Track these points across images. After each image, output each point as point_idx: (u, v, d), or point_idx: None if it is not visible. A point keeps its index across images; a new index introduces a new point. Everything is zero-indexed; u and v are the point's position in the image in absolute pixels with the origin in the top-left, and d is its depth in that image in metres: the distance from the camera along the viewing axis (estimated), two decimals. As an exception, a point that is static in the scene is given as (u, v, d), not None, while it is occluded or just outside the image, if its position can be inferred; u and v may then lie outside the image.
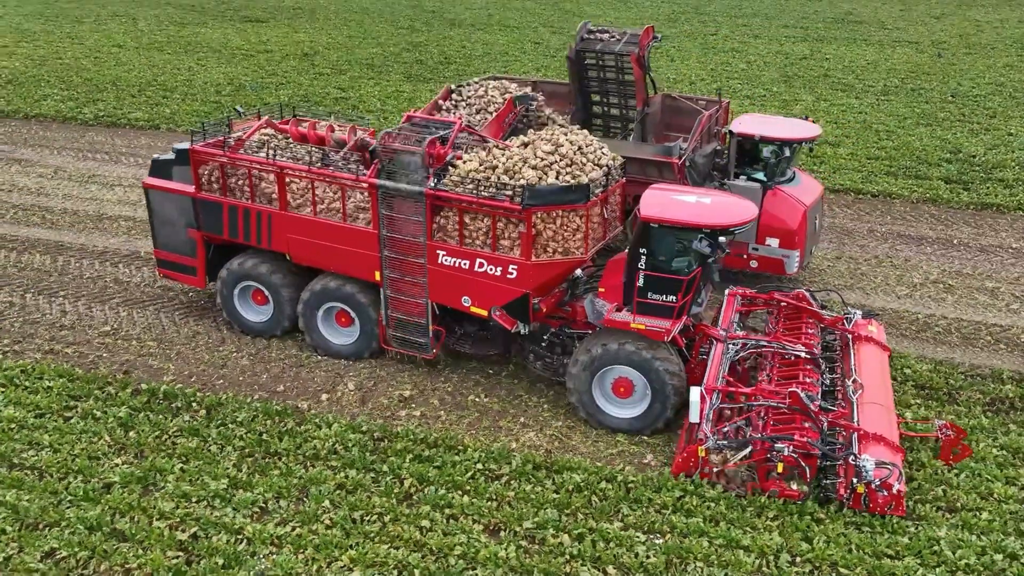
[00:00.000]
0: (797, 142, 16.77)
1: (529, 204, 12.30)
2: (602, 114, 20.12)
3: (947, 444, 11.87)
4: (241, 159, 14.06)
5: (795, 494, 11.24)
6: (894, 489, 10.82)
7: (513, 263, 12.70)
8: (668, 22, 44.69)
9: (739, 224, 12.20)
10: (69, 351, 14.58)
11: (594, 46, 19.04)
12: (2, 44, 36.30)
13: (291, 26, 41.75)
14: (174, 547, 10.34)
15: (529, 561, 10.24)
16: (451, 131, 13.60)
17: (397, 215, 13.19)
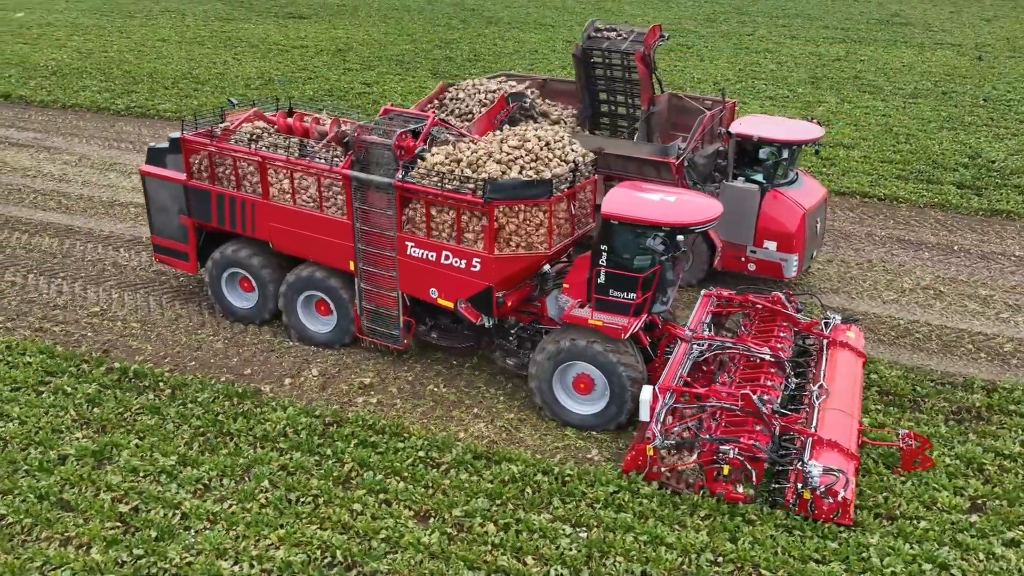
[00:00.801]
0: (796, 144, 16.42)
1: (491, 198, 12.31)
2: (609, 112, 20.00)
3: (908, 454, 11.66)
4: (226, 148, 14.38)
5: (740, 497, 11.06)
6: (839, 496, 10.56)
7: (477, 256, 12.73)
8: (706, 22, 44.17)
9: (698, 224, 12.06)
10: (57, 329, 15.13)
11: (600, 44, 18.91)
12: (55, 37, 37.66)
13: (331, 23, 42.41)
14: (114, 519, 10.68)
15: (451, 548, 10.32)
16: (424, 125, 13.72)
17: (369, 206, 13.32)
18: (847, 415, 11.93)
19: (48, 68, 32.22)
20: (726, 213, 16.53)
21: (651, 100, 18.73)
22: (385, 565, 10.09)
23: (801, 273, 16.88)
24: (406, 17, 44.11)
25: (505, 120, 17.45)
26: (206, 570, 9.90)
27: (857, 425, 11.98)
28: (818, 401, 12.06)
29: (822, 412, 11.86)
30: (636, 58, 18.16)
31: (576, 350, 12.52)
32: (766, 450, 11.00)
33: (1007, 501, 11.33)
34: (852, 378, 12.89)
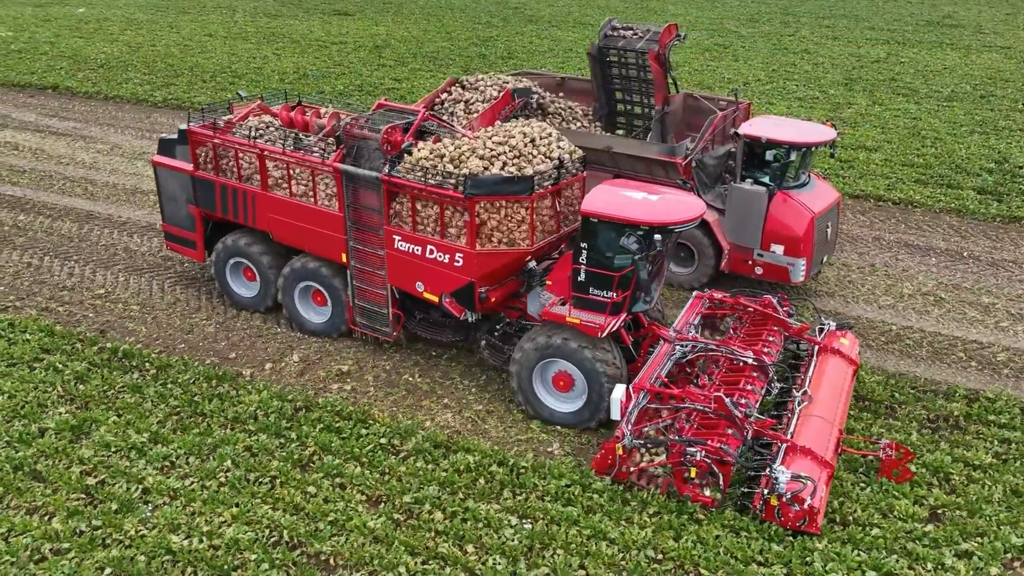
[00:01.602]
0: (805, 146, 15.93)
1: (471, 193, 12.27)
2: (624, 112, 19.82)
3: (887, 464, 11.37)
4: (228, 140, 14.68)
5: (707, 500, 10.91)
6: (806, 504, 10.29)
7: (459, 251, 12.70)
8: (748, 22, 43.47)
9: (676, 224, 11.86)
10: (61, 309, 15.68)
11: (616, 43, 18.77)
12: (110, 31, 38.86)
13: (374, 20, 42.90)
14: (80, 490, 11.06)
15: (396, 533, 10.44)
16: (415, 119, 13.80)
17: (359, 199, 13.42)
18: (827, 422, 11.67)
19: (97, 61, 33.29)
20: (733, 215, 16.52)
21: (666, 100, 18.52)
22: (329, 547, 10.25)
23: (810, 278, 16.46)
24: (448, 15, 44.38)
25: (510, 116, 17.47)
26: (157, 543, 10.19)
27: (837, 433, 11.64)
28: (799, 407, 11.80)
29: (801, 418, 11.61)
30: (650, 57, 17.96)
31: (553, 347, 12.43)
32: (733, 454, 10.73)
33: (968, 512, 10.99)
34: (839, 386, 12.58)
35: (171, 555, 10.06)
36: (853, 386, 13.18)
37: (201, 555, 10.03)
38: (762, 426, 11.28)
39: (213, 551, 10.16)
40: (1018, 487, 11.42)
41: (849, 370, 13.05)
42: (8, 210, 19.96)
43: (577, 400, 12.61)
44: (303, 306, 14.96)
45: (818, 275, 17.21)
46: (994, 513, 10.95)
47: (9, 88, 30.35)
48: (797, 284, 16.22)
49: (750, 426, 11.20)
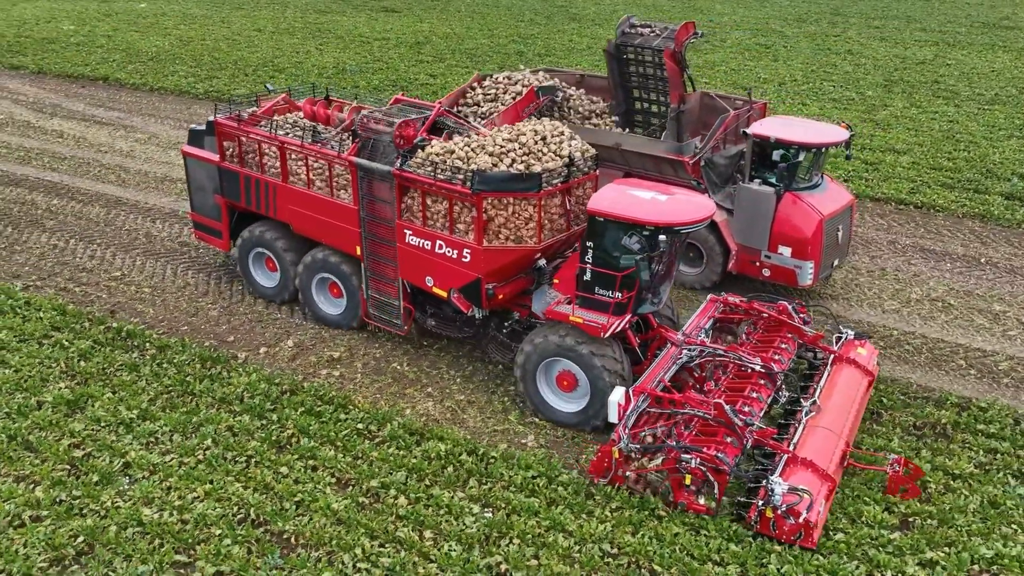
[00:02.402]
0: (814, 147, 15.54)
1: (479, 189, 12.11)
2: (642, 109, 19.65)
3: (894, 480, 10.92)
4: (251, 132, 14.77)
5: (702, 508, 10.58)
6: (801, 518, 9.92)
7: (467, 247, 12.56)
8: (795, 22, 42.65)
9: (681, 225, 11.54)
10: (77, 290, 16.23)
11: (633, 40, 18.60)
12: (165, 26, 39.95)
13: (419, 16, 43.25)
14: (66, 462, 11.46)
15: (358, 516, 10.57)
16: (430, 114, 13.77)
17: (373, 193, 13.41)
18: (833, 434, 11.25)
19: (148, 54, 34.26)
20: (741, 216, 16.22)
21: (681, 98, 18.30)
22: (292, 526, 10.43)
23: (819, 282, 16.07)
24: (492, 12, 44.50)
25: (534, 113, 17.47)
26: (130, 514, 10.50)
27: (843, 446, 11.25)
28: (806, 417, 11.44)
29: (807, 429, 11.25)
30: (665, 55, 17.64)
31: (556, 346, 12.22)
32: (729, 463, 10.37)
33: (939, 521, 10.67)
34: (851, 397, 12.12)
35: (141, 527, 10.35)
36: (868, 398, 12.69)
37: (169, 528, 10.31)
38: (763, 435, 10.92)
39: (181, 525, 10.43)
40: (997, 498, 11.05)
41: (864, 381, 12.54)
42: (44, 194, 20.71)
43: (580, 400, 12.40)
44: (320, 297, 15.04)
45: (828, 279, 16.83)
46: (967, 524, 10.61)
47: (64, 79, 31.44)
48: (805, 287, 15.83)
49: (750, 435, 10.83)
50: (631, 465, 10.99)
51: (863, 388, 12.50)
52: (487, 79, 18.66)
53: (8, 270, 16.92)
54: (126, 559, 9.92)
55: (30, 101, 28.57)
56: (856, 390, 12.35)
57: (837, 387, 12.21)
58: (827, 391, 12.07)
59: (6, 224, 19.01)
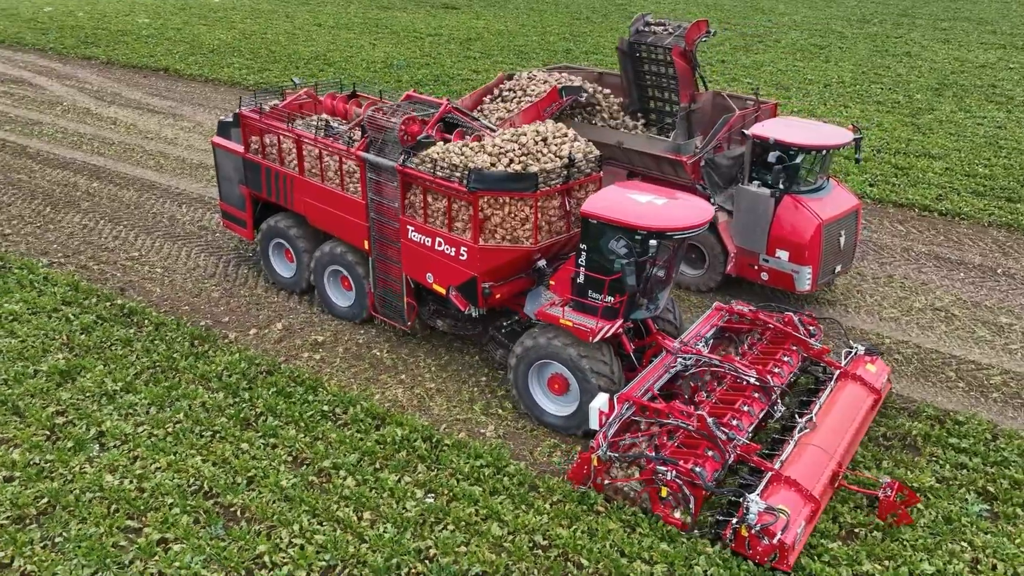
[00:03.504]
0: (814, 149, 14.93)
1: (475, 187, 11.98)
2: (655, 108, 19.31)
3: (885, 505, 10.43)
4: (269, 124, 14.99)
5: (677, 523, 10.24)
6: (776, 539, 9.51)
7: (464, 245, 12.45)
8: (857, 23, 41.38)
9: (673, 230, 11.17)
10: (95, 267, 16.98)
11: (645, 39, 18.23)
12: (231, 20, 41.24)
13: (477, 14, 43.51)
14: (47, 427, 12.05)
15: (304, 494, 10.81)
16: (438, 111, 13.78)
17: (379, 188, 13.45)
18: (825, 454, 10.76)
19: (209, 47, 35.44)
20: (740, 218, 15.92)
21: (692, 97, 17.97)
22: (240, 500, 10.75)
23: (818, 289, 15.60)
24: (550, 9, 44.45)
25: (556, 113, 17.39)
26: (93, 480, 10.99)
27: (835, 467, 10.70)
28: (799, 434, 10.99)
29: (798, 447, 10.81)
30: (674, 53, 17.24)
31: (546, 349, 12.05)
32: (703, 477, 10.05)
33: (885, 533, 10.30)
34: (850, 415, 11.61)
35: (101, 491, 10.82)
36: (873, 417, 12.19)
37: (125, 495, 10.75)
38: (747, 451, 10.51)
39: (138, 492, 10.86)
40: (952, 514, 10.59)
41: (868, 400, 12.02)
42: (86, 177, 21.70)
43: (571, 404, 12.16)
44: (332, 289, 15.19)
45: (829, 285, 16.32)
46: (913, 538, 10.21)
47: (129, 69, 32.80)
48: (803, 293, 15.35)
49: (732, 450, 10.47)
50: (611, 473, 10.76)
51: (866, 407, 11.92)
52: (511, 78, 18.68)
53: (38, 247, 17.82)
54: (81, 521, 10.39)
55: (94, 89, 29.91)
56: (858, 408, 11.78)
57: (837, 404, 11.66)
58: (826, 408, 11.52)
59: (46, 204, 20.00)
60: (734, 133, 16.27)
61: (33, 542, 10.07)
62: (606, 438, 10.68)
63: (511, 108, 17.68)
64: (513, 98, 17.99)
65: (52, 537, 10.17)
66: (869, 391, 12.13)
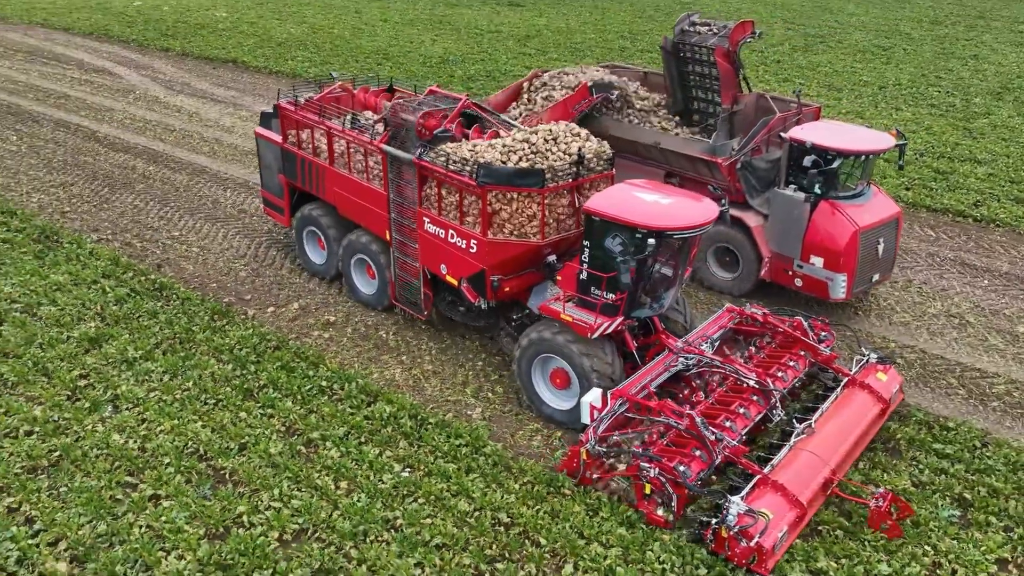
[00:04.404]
0: (852, 154, 14.56)
1: (483, 182, 12.11)
2: (699, 109, 18.88)
3: (876, 515, 10.23)
4: (303, 116, 15.51)
5: (660, 520, 10.27)
6: (753, 541, 9.47)
7: (474, 238, 12.62)
8: (929, 24, 40.04)
9: (673, 229, 11.19)
10: (138, 244, 17.96)
11: (690, 39, 18.07)
12: (303, 15, 42.50)
13: (540, 11, 43.73)
14: (69, 388, 12.93)
15: (289, 462, 11.34)
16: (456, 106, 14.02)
17: (399, 180, 13.68)
18: (819, 460, 10.61)
19: (277, 40, 36.66)
20: (775, 222, 15.60)
21: (735, 99, 17.81)
22: (231, 464, 11.37)
23: (854, 297, 15.20)
24: (614, 8, 44.34)
25: (585, 110, 17.52)
26: (101, 438, 11.77)
27: (828, 474, 10.55)
28: (795, 439, 10.87)
29: (792, 452, 10.70)
30: (717, 53, 17.09)
31: (547, 343, 12.18)
32: (684, 476, 10.03)
33: (846, 531, 10.23)
34: (852, 424, 11.40)
35: (107, 449, 11.59)
36: (880, 427, 11.97)
37: (127, 453, 11.49)
38: (736, 452, 10.48)
39: (140, 452, 11.59)
40: (921, 518, 10.43)
41: (874, 409, 11.79)
42: (144, 160, 22.87)
43: (572, 399, 12.21)
44: (357, 277, 15.58)
45: (866, 294, 15.83)
46: (875, 538, 10.12)
47: (200, 60, 34.22)
48: (838, 301, 14.94)
49: (720, 451, 10.40)
50: (601, 468, 10.88)
51: (871, 416, 11.68)
52: (543, 75, 18.87)
53: (91, 223, 18.93)
54: (85, 475, 11.16)
55: (166, 79, 31.34)
56: (862, 417, 11.56)
57: (841, 411, 11.48)
58: (828, 415, 11.36)
59: (104, 185, 21.19)
60: (773, 136, 15.91)
61: (40, 491, 10.87)
62: (596, 433, 10.78)
63: (543, 104, 17.89)
64: (544, 95, 18.19)
65: (58, 487, 10.96)
66: (876, 400, 11.85)
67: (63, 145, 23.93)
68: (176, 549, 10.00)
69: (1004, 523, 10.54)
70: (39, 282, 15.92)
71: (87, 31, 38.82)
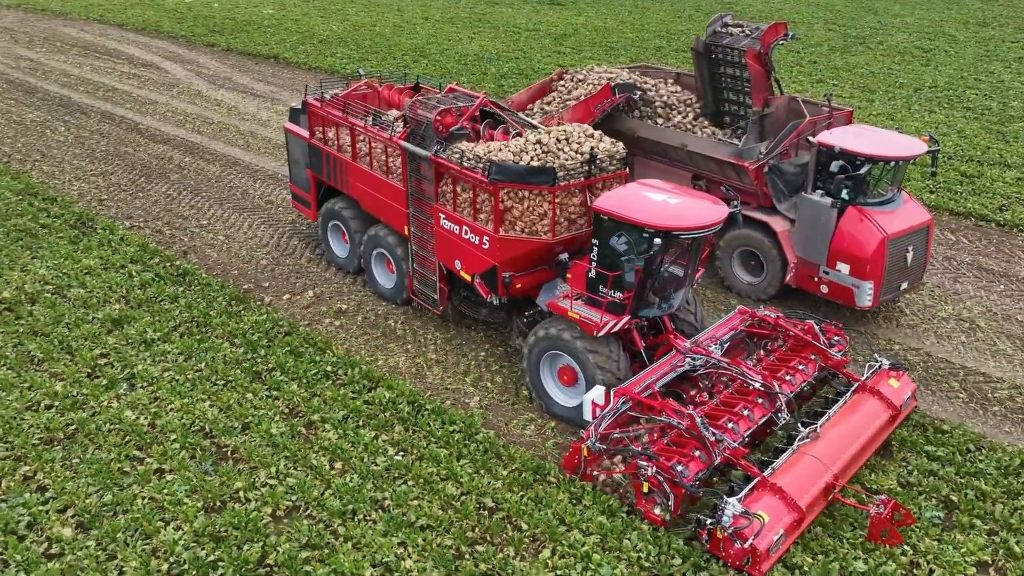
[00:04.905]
0: (881, 160, 14.20)
1: (495, 179, 12.26)
2: (730, 111, 18.59)
3: (876, 523, 10.00)
4: (329, 113, 15.81)
5: (657, 519, 10.26)
6: (748, 543, 9.44)
7: (486, 235, 12.76)
8: (976, 26, 39.16)
9: (679, 230, 11.15)
10: (167, 232, 18.61)
11: (721, 40, 17.69)
12: (346, 13, 43.22)
13: (580, 10, 43.79)
14: (88, 365, 13.52)
15: (288, 442, 11.74)
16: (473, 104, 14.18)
17: (417, 176, 13.83)
18: (822, 465, 10.49)
19: (319, 37, 37.36)
20: (802, 227, 15.34)
21: (766, 101, 17.49)
22: (232, 441, 11.81)
23: (880, 305, 14.90)
24: (655, 7, 44.20)
25: (607, 110, 17.56)
26: (114, 414, 12.32)
27: (830, 478, 10.40)
28: (798, 443, 10.79)
29: (795, 455, 10.62)
30: (748, 56, 16.92)
31: (554, 339, 12.28)
32: (680, 475, 9.96)
33: (823, 529, 10.25)
34: (859, 430, 11.23)
35: (119, 424, 12.13)
36: (889, 434, 11.76)
37: (137, 428, 12.01)
38: (735, 454, 10.38)
39: (149, 428, 12.10)
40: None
41: (884, 415, 11.59)
42: (181, 152, 23.62)
43: (579, 396, 12.19)
44: (378, 271, 15.86)
45: (894, 303, 15.54)
46: (854, 536, 10.13)
47: (244, 55, 35.07)
48: (864, 309, 14.70)
49: (719, 451, 10.30)
50: (601, 465, 10.95)
51: (880, 422, 11.50)
52: (567, 74, 18.96)
53: (125, 211, 19.66)
54: (97, 448, 11.70)
55: (209, 74, 32.22)
56: (870, 423, 11.38)
57: (848, 417, 11.34)
58: (835, 420, 11.22)
59: (141, 174, 21.94)
60: (803, 140, 15.63)
61: (54, 461, 11.44)
62: (597, 430, 10.80)
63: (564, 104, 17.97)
64: (566, 94, 18.27)
65: (71, 458, 11.51)
66: (887, 407, 11.66)
67: (107, 136, 24.82)
68: (175, 520, 10.45)
69: (989, 526, 10.46)
70: (72, 265, 16.62)
71: (139, 27, 40.05)
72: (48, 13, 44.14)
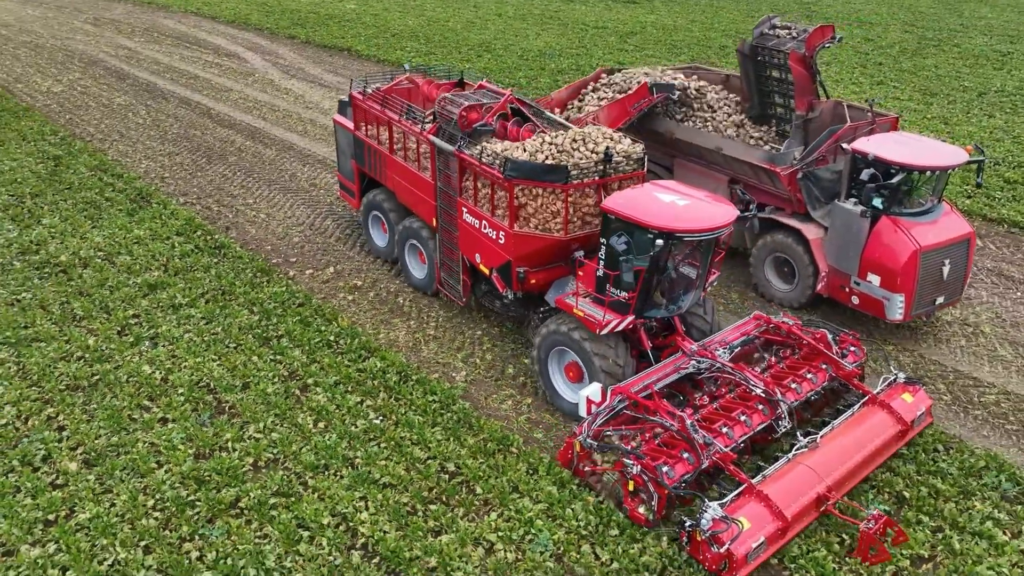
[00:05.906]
0: (918, 169, 13.66)
1: (510, 175, 12.44)
2: (775, 114, 18.07)
3: (865, 539, 9.72)
4: (367, 105, 16.48)
5: (641, 519, 10.33)
6: (724, 548, 9.40)
7: (503, 230, 12.93)
8: (1062, 30, 37.23)
9: (684, 232, 11.18)
10: (215, 208, 19.90)
11: (767, 42, 17.26)
12: (421, 7, 44.36)
13: (652, 9, 43.68)
14: (120, 324, 14.78)
15: (281, 402, 12.64)
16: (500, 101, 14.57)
17: (444, 170, 14.09)
18: (816, 476, 10.32)
19: (392, 30, 38.57)
20: (834, 236, 14.99)
21: (810, 105, 16.99)
22: (231, 398, 12.78)
23: (913, 320, 14.37)
24: (729, 6, 43.68)
25: (644, 110, 17.67)
26: (134, 368, 13.48)
27: (823, 490, 10.22)
28: (795, 452, 10.64)
29: (789, 464, 10.49)
30: (792, 58, 16.46)
31: (560, 336, 12.45)
32: (663, 476, 9.99)
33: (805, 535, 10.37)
34: (864, 443, 10.98)
35: (136, 377, 13.28)
36: (896, 450, 11.46)
37: (150, 381, 13.13)
38: (724, 459, 10.30)
39: (161, 382, 13.21)
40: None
41: (892, 430, 11.30)
42: (242, 135, 25.03)
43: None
44: (411, 261, 16.35)
45: (928, 317, 14.87)
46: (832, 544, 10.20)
47: (320, 48, 36.56)
48: (894, 322, 14.29)
49: (708, 455, 10.26)
50: (593, 461, 10.99)
51: (887, 437, 11.21)
52: (611, 74, 19.11)
53: (180, 188, 21.09)
54: (113, 397, 12.87)
55: (284, 64, 33.79)
56: (876, 437, 11.12)
57: (854, 429, 11.11)
58: (838, 431, 11.02)
59: (203, 156, 23.42)
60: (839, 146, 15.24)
61: (75, 405, 12.66)
62: (590, 426, 10.85)
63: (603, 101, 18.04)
64: (608, 92, 18.37)
65: (90, 404, 12.71)
66: (896, 421, 11.36)
67: (180, 120, 26.49)
68: (168, 464, 11.47)
69: (936, 524, 10.42)
70: (124, 235, 18.04)
71: (230, 19, 42.17)
72: (153, 6, 46.89)
